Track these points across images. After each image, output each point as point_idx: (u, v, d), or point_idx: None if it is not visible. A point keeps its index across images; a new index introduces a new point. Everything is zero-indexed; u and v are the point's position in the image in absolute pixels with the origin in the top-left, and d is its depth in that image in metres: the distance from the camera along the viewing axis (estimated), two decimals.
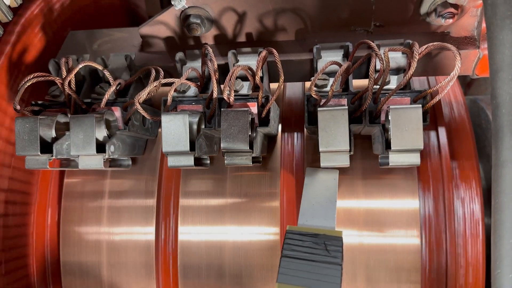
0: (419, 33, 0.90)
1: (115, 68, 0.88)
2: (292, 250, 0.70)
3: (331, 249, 0.70)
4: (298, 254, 0.70)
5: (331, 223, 0.77)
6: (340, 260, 0.69)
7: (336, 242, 0.71)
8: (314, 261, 0.69)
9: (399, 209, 0.88)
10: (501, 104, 0.57)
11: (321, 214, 0.78)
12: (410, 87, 0.77)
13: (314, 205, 0.80)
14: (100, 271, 0.95)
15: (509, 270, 0.55)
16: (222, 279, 0.90)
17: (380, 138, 0.77)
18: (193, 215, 0.92)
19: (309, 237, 0.72)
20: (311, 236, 0.72)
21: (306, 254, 0.70)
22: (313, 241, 0.71)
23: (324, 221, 0.77)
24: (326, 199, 0.81)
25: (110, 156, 0.80)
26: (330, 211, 0.79)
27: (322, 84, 0.80)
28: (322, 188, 0.82)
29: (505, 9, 0.57)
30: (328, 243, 0.71)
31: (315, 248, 0.70)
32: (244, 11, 0.89)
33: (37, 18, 0.98)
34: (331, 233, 0.73)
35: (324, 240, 0.71)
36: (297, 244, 0.71)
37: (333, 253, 0.70)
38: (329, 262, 0.69)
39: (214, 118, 0.80)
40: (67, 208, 0.97)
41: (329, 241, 0.71)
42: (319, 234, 0.72)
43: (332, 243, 0.71)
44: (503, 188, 0.56)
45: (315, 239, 0.72)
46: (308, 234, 0.72)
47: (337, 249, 0.70)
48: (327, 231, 0.73)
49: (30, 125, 0.78)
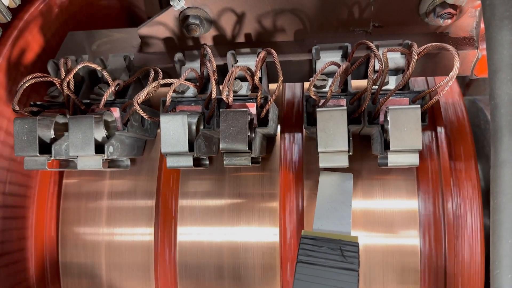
0: (418, 34, 0.90)
1: (114, 69, 0.88)
2: (308, 256, 0.70)
3: (348, 254, 0.69)
4: (314, 260, 0.69)
5: (347, 228, 0.76)
6: (357, 266, 0.68)
7: (352, 247, 0.70)
8: (330, 267, 0.68)
9: (398, 209, 0.88)
10: (499, 105, 0.57)
11: (336, 218, 0.77)
12: (409, 88, 0.77)
13: (329, 209, 0.79)
14: (99, 272, 0.95)
15: (508, 270, 0.55)
16: (221, 280, 0.90)
17: (379, 139, 0.77)
18: (192, 215, 0.92)
19: (325, 242, 0.71)
20: (326, 241, 0.71)
21: (322, 260, 0.69)
22: (329, 247, 0.70)
23: (340, 225, 0.76)
24: (341, 203, 0.79)
25: (109, 156, 0.80)
26: (345, 216, 0.77)
27: (321, 85, 0.80)
28: (337, 192, 0.81)
29: (503, 9, 0.58)
30: (344, 249, 0.70)
31: (331, 253, 0.70)
32: (243, 12, 0.89)
33: (36, 18, 0.98)
34: (347, 238, 0.72)
35: (340, 245, 0.70)
36: (312, 250, 0.70)
37: (349, 259, 0.69)
38: (345, 268, 0.68)
39: (213, 118, 0.80)
40: (66, 209, 0.97)
41: (345, 246, 0.70)
42: (335, 239, 0.71)
43: (348, 249, 0.70)
44: (502, 189, 0.56)
45: (331, 244, 0.71)
46: (324, 239, 0.72)
47: (353, 254, 0.69)
48: (343, 236, 0.72)
49: (28, 126, 0.78)
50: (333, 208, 0.79)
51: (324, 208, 0.79)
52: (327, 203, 0.80)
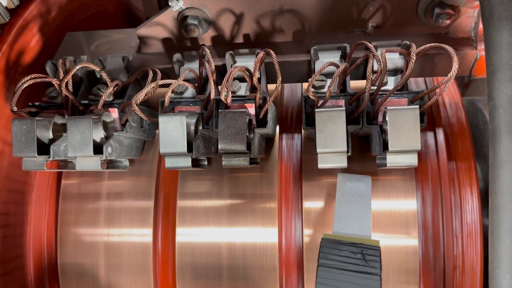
0: (417, 34, 0.90)
1: (113, 70, 0.88)
2: (329, 259, 0.69)
3: (369, 259, 0.69)
4: (335, 264, 0.69)
5: (367, 231, 0.76)
6: (379, 271, 0.68)
7: (374, 251, 0.70)
8: (352, 271, 0.68)
9: (397, 210, 0.88)
10: (498, 105, 0.57)
11: (356, 221, 0.77)
12: (408, 88, 0.78)
13: (348, 212, 0.78)
14: (97, 273, 0.94)
15: (507, 270, 0.55)
16: (220, 281, 0.90)
17: (378, 139, 0.77)
18: (191, 216, 0.92)
19: (346, 246, 0.71)
20: (347, 245, 0.71)
21: (344, 264, 0.69)
22: (350, 250, 0.70)
23: (360, 229, 0.76)
24: (360, 206, 0.79)
25: (108, 157, 0.80)
26: (365, 219, 0.77)
27: (320, 85, 0.80)
28: (356, 194, 0.81)
29: (502, 10, 0.58)
30: (366, 253, 0.70)
31: (353, 257, 0.69)
32: (241, 12, 0.89)
33: (34, 19, 0.98)
34: (368, 242, 0.72)
35: (361, 249, 0.70)
36: (333, 253, 0.70)
37: (371, 263, 0.68)
38: (367, 272, 0.68)
39: (211, 119, 0.80)
40: (64, 209, 0.97)
41: (366, 250, 0.70)
42: (356, 243, 0.71)
43: (369, 253, 0.70)
44: (501, 189, 0.56)
45: (352, 248, 0.70)
46: (345, 242, 0.71)
47: (375, 259, 0.69)
48: (364, 240, 0.72)
49: (27, 127, 0.78)
50: (352, 211, 0.78)
51: (343, 210, 0.78)
52: (346, 206, 0.79)
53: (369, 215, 0.78)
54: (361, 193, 0.81)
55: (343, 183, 0.83)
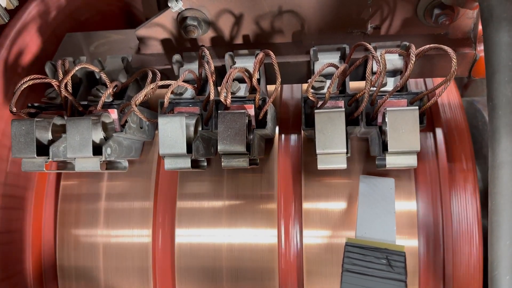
0: (416, 35, 0.90)
1: (112, 70, 0.88)
2: (354, 264, 0.69)
3: (394, 264, 0.68)
4: (360, 269, 0.68)
5: (391, 236, 0.75)
6: (405, 277, 0.67)
7: (399, 257, 0.69)
8: (377, 276, 0.67)
9: (396, 210, 0.87)
10: (497, 106, 0.57)
11: (380, 226, 0.76)
12: (407, 89, 0.78)
13: (372, 216, 0.77)
14: (96, 274, 0.94)
15: (507, 271, 0.55)
16: (219, 282, 0.90)
17: (377, 140, 0.77)
18: (190, 217, 0.92)
19: (370, 251, 0.70)
20: (372, 250, 0.70)
21: (369, 269, 0.68)
22: (375, 256, 0.69)
23: (384, 233, 0.75)
24: (384, 210, 0.78)
25: (107, 158, 0.80)
26: (389, 223, 0.76)
27: (319, 86, 0.80)
28: (379, 197, 0.80)
29: (501, 11, 0.58)
30: (391, 258, 0.69)
31: (378, 263, 0.69)
32: (241, 13, 0.89)
33: (33, 20, 0.98)
34: (393, 247, 0.71)
35: (386, 254, 0.69)
36: (358, 258, 0.69)
37: (396, 269, 0.68)
38: (393, 278, 0.67)
39: (211, 120, 0.80)
40: (63, 210, 0.97)
41: (391, 256, 0.69)
42: (381, 248, 0.70)
43: (395, 258, 0.69)
44: (500, 190, 0.56)
45: (376, 253, 0.70)
46: (369, 247, 0.71)
47: (400, 264, 0.68)
48: (389, 245, 0.71)
49: (26, 128, 0.78)
50: (376, 215, 0.77)
51: (367, 214, 0.77)
52: (369, 209, 0.78)
53: (393, 219, 0.77)
54: (384, 196, 0.80)
55: (365, 186, 0.82)
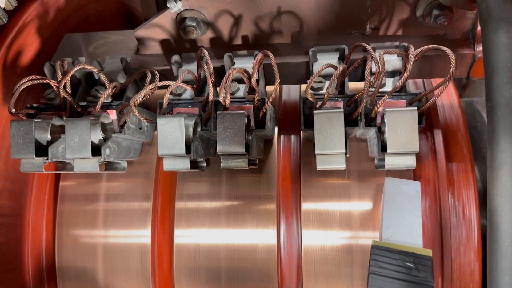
0: (415, 36, 0.90)
1: (111, 71, 0.88)
2: (380, 267, 0.69)
3: (421, 269, 0.68)
4: (387, 272, 0.68)
5: (418, 240, 0.75)
6: (432, 281, 0.67)
7: (426, 261, 0.69)
8: (404, 280, 0.67)
9: None
10: (496, 107, 0.57)
11: (406, 229, 0.76)
12: (406, 90, 0.78)
13: (398, 219, 0.77)
14: (96, 275, 0.94)
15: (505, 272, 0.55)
16: (218, 283, 0.90)
17: (376, 141, 0.77)
18: (189, 218, 0.92)
19: (397, 255, 0.70)
20: (399, 254, 0.70)
21: (396, 273, 0.68)
22: (402, 259, 0.69)
23: (410, 237, 0.75)
24: (410, 213, 0.77)
25: (106, 159, 0.80)
26: (415, 227, 0.76)
27: (318, 87, 0.80)
28: (405, 200, 0.79)
29: (499, 12, 0.58)
30: (418, 262, 0.69)
31: (404, 266, 0.68)
32: (240, 14, 0.89)
33: (32, 20, 0.98)
34: (420, 251, 0.71)
35: (413, 258, 0.69)
36: (384, 261, 0.69)
37: (424, 274, 0.68)
38: (420, 283, 0.67)
39: (210, 120, 0.80)
40: (62, 211, 0.97)
41: (418, 260, 0.69)
42: (408, 252, 0.70)
43: (421, 263, 0.69)
44: (499, 191, 0.56)
45: (403, 257, 0.70)
46: (396, 251, 0.70)
47: (428, 269, 0.68)
48: (416, 249, 0.71)
49: (25, 128, 0.78)
50: (402, 218, 0.77)
51: (393, 217, 0.77)
52: (395, 212, 0.78)
53: (419, 222, 0.77)
54: (410, 199, 0.79)
55: (391, 188, 0.81)
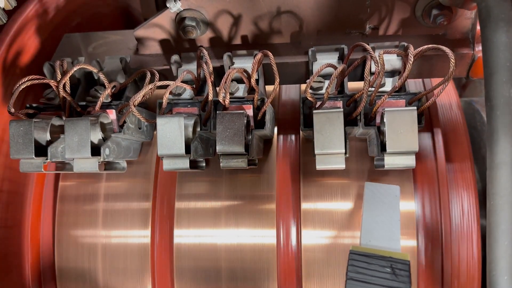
0: (414, 36, 0.90)
1: (110, 71, 0.88)
2: (358, 273, 0.68)
3: (399, 273, 0.68)
4: (364, 277, 0.68)
5: (396, 244, 0.74)
6: (409, 286, 0.67)
7: (403, 266, 0.69)
8: (381, 285, 0.67)
9: None
10: (495, 106, 0.57)
11: (385, 234, 0.76)
12: (405, 90, 0.78)
13: (377, 224, 0.77)
14: (95, 275, 0.94)
15: (505, 271, 0.56)
16: (218, 283, 0.90)
17: (376, 141, 0.77)
18: (189, 218, 0.92)
19: (375, 259, 0.70)
20: (377, 259, 0.70)
21: (373, 278, 0.68)
22: (379, 264, 0.69)
23: (389, 241, 0.75)
24: (389, 217, 0.77)
25: (105, 159, 0.80)
26: (394, 231, 0.76)
27: (318, 87, 0.80)
28: (384, 205, 0.79)
29: (499, 11, 0.58)
30: (395, 267, 0.69)
31: (382, 271, 0.68)
32: (239, 14, 0.89)
33: (31, 20, 0.98)
34: (397, 256, 0.71)
35: (391, 263, 0.69)
36: (362, 266, 0.69)
37: (401, 278, 0.68)
38: (397, 287, 0.67)
39: (209, 120, 0.80)
40: (62, 211, 0.97)
41: (396, 264, 0.69)
42: (385, 257, 0.70)
43: (399, 267, 0.69)
44: (498, 190, 0.56)
45: (381, 261, 0.69)
46: (374, 256, 0.70)
47: (405, 273, 0.68)
48: (393, 253, 0.71)
49: (24, 128, 0.77)
50: (381, 222, 0.77)
51: (372, 222, 0.77)
52: (375, 217, 0.78)
53: (398, 227, 0.76)
54: (389, 204, 0.79)
55: (371, 193, 0.81)
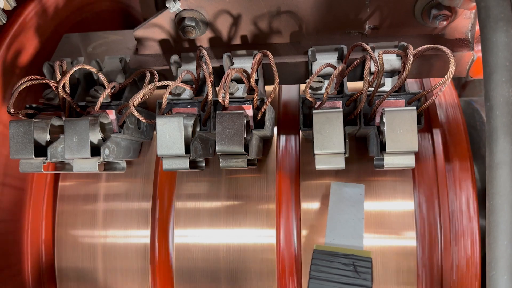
0: (414, 36, 0.90)
1: (110, 71, 0.88)
2: (321, 272, 0.69)
3: (361, 270, 0.68)
4: (327, 276, 0.68)
5: (359, 242, 0.75)
6: (370, 283, 0.68)
7: (365, 263, 0.69)
8: (343, 283, 0.68)
9: (395, 211, 0.88)
10: (494, 106, 0.57)
11: (349, 232, 0.76)
12: (405, 89, 0.78)
13: (341, 222, 0.77)
14: (95, 275, 0.94)
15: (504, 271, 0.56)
16: (217, 283, 0.90)
17: (375, 140, 0.77)
18: (189, 218, 0.92)
19: (338, 258, 0.70)
20: (339, 257, 0.70)
21: (335, 276, 0.68)
22: (342, 262, 0.70)
23: (352, 240, 0.75)
24: (353, 216, 0.78)
25: (105, 159, 0.80)
26: (358, 230, 0.77)
27: (317, 87, 0.80)
28: (349, 204, 0.80)
29: (498, 11, 0.58)
30: (357, 264, 0.69)
31: (344, 269, 0.69)
32: (238, 14, 0.89)
33: (31, 21, 0.98)
34: (360, 253, 0.71)
35: (353, 260, 0.70)
36: (325, 265, 0.70)
37: (362, 275, 0.68)
38: (359, 284, 0.67)
39: (209, 120, 0.80)
40: (61, 211, 0.97)
41: (358, 262, 0.70)
42: (348, 255, 0.71)
43: (361, 264, 0.69)
44: (498, 190, 0.56)
45: (344, 259, 0.70)
46: (337, 254, 0.71)
47: (366, 270, 0.69)
48: (356, 251, 0.72)
49: (24, 129, 0.77)
50: (345, 221, 0.77)
51: (336, 221, 0.78)
52: (339, 216, 0.78)
53: (361, 225, 0.77)
54: (354, 202, 0.80)
55: (336, 192, 0.82)
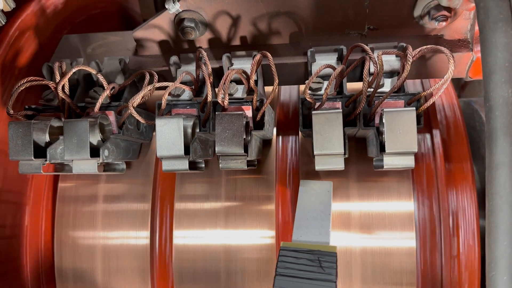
0: (413, 36, 0.90)
1: (109, 72, 0.88)
2: (287, 268, 0.69)
3: (325, 265, 0.68)
4: (293, 272, 0.69)
5: (326, 238, 0.75)
6: (334, 277, 0.68)
7: (330, 258, 0.70)
8: (308, 278, 0.68)
9: (394, 211, 0.88)
10: (494, 107, 0.57)
11: (316, 228, 0.77)
12: (404, 90, 0.78)
13: (309, 219, 0.78)
14: (95, 276, 0.94)
15: (504, 272, 0.55)
16: (217, 284, 0.90)
17: (375, 141, 0.77)
18: (188, 219, 0.92)
19: (304, 254, 0.70)
20: (305, 253, 0.70)
21: (301, 272, 0.68)
22: (308, 258, 0.70)
23: (319, 236, 0.76)
24: (321, 212, 0.79)
25: (104, 160, 0.80)
26: (324, 225, 0.77)
27: (317, 88, 0.81)
28: (317, 201, 0.81)
29: (497, 12, 0.58)
30: (323, 260, 0.69)
31: (310, 265, 0.69)
32: (238, 15, 0.89)
33: (30, 22, 0.98)
34: (325, 248, 0.71)
35: (318, 256, 0.70)
36: (291, 262, 0.70)
37: (327, 270, 0.68)
38: (323, 279, 0.67)
39: (208, 121, 0.80)
40: (61, 212, 0.97)
41: (323, 257, 0.70)
42: (314, 250, 0.71)
43: (326, 259, 0.69)
44: (497, 190, 0.56)
45: (309, 255, 0.70)
46: (303, 250, 0.71)
47: (331, 265, 0.69)
48: (322, 246, 0.72)
49: (23, 130, 0.77)
50: (312, 218, 0.78)
51: (304, 218, 0.78)
52: (306, 213, 0.79)
53: (328, 221, 0.77)
54: (321, 199, 0.81)
55: (304, 190, 0.83)
